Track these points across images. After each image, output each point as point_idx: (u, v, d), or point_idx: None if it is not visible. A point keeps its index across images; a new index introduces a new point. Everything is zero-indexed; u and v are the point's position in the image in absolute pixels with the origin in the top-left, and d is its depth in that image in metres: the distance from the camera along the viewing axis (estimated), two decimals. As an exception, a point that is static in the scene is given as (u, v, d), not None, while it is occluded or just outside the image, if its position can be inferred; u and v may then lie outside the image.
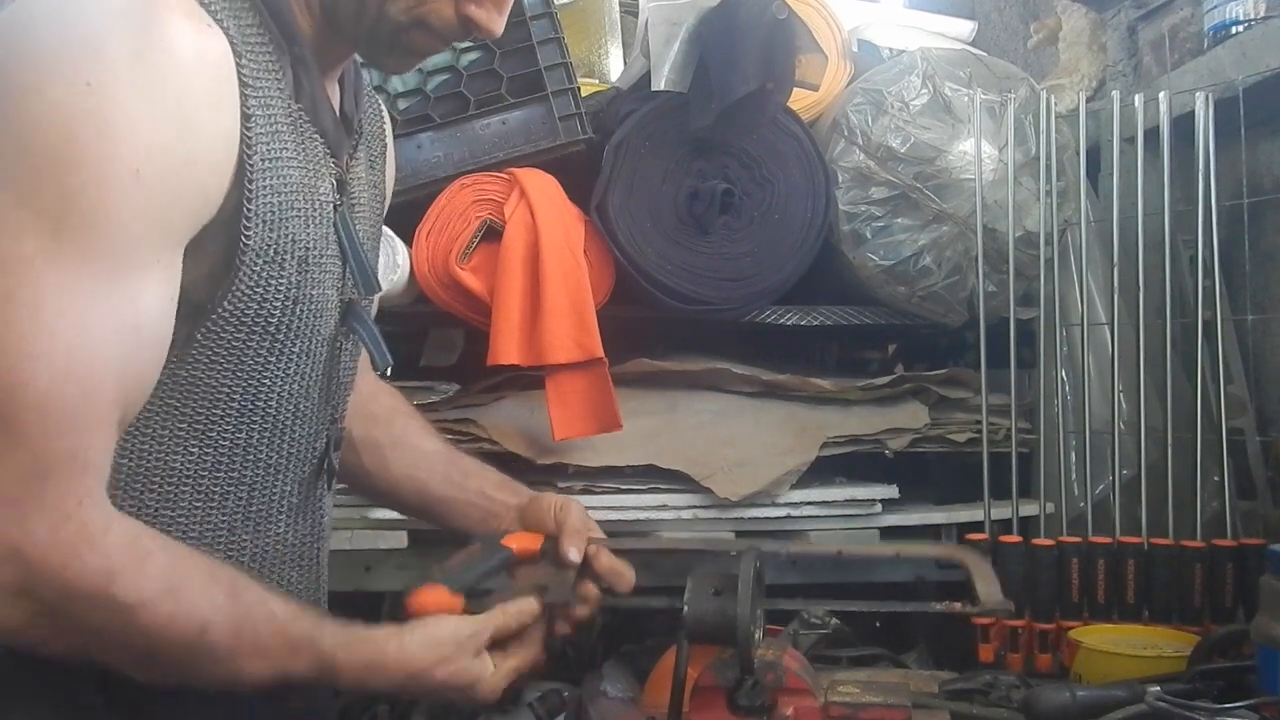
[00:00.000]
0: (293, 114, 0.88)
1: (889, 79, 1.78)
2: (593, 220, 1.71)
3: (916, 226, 1.75)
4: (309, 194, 0.90)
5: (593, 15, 2.24)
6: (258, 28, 0.85)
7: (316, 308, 0.92)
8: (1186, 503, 1.60)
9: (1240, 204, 1.71)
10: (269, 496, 0.95)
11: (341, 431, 1.06)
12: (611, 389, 1.64)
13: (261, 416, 0.91)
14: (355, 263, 0.96)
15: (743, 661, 1.02)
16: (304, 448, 0.98)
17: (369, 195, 1.05)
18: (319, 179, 0.91)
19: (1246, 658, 1.20)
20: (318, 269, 0.91)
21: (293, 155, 0.88)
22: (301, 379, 0.94)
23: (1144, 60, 2.15)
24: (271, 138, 0.85)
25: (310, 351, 0.94)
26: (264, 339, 0.88)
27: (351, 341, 1.03)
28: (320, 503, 1.04)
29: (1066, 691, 1.14)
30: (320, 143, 0.92)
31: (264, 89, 0.84)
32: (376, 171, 1.08)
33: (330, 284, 0.95)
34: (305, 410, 0.96)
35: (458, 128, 1.69)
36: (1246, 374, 1.77)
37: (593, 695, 1.60)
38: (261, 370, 0.89)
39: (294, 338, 0.91)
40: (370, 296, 1.02)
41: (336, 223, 0.94)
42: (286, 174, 0.86)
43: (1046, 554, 1.51)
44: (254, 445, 0.92)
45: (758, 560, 1.06)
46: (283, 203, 0.86)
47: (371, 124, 1.08)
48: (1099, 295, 1.81)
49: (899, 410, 1.84)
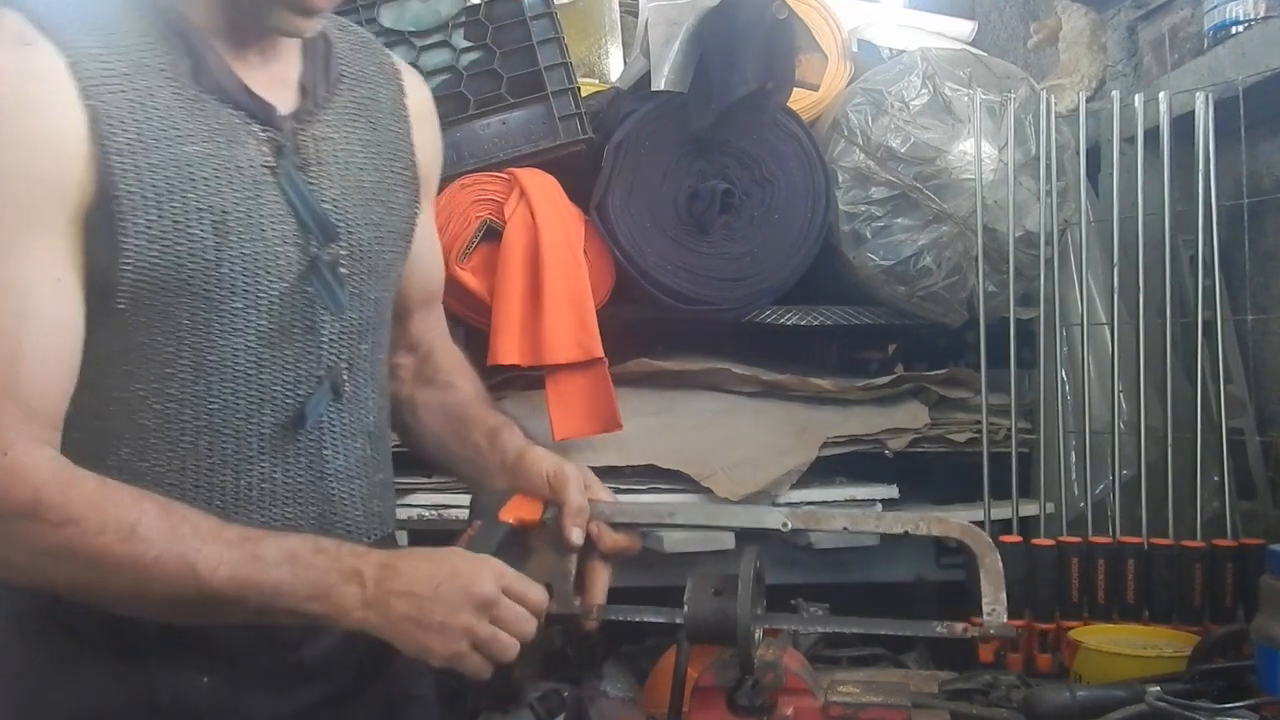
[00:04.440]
0: (189, 96, 0.98)
1: (889, 79, 1.78)
2: (593, 220, 1.71)
3: (916, 226, 1.75)
4: (219, 163, 0.98)
5: (593, 15, 2.24)
6: (137, 34, 0.97)
7: (253, 265, 0.99)
8: (1186, 503, 1.60)
9: (1240, 204, 1.71)
10: (243, 440, 1.02)
11: (342, 376, 1.08)
12: (611, 389, 1.65)
13: (215, 370, 1.00)
14: (309, 216, 1.02)
15: (743, 661, 1.02)
16: (278, 393, 1.03)
17: (348, 151, 1.09)
18: (236, 147, 0.99)
19: (1246, 658, 1.20)
20: (243, 229, 0.99)
21: (190, 132, 0.97)
22: (253, 332, 1.01)
23: (1144, 60, 2.15)
24: (146, 122, 0.95)
25: (257, 305, 1.00)
26: (193, 299, 0.97)
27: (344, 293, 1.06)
28: (319, 443, 1.07)
29: (1066, 692, 1.14)
30: (237, 115, 1.00)
31: (123, 85, 0.95)
32: (381, 130, 1.14)
33: (278, 240, 1.01)
34: (271, 359, 1.02)
35: (458, 128, 1.69)
36: (1246, 374, 1.77)
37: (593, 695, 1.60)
38: (203, 328, 0.98)
39: (229, 294, 0.99)
40: (330, 244, 1.05)
41: (281, 183, 1.01)
42: (178, 150, 0.96)
43: (1046, 554, 1.51)
44: (214, 395, 1.00)
45: (758, 560, 1.06)
46: (176, 175, 0.95)
47: (365, 87, 1.13)
48: (1099, 295, 1.81)
49: (899, 410, 1.84)
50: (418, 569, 0.95)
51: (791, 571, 1.69)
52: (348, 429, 1.10)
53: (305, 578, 0.92)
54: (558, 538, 1.08)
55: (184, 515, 0.93)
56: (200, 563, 0.90)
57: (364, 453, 1.12)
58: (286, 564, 0.92)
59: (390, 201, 1.13)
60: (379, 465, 1.15)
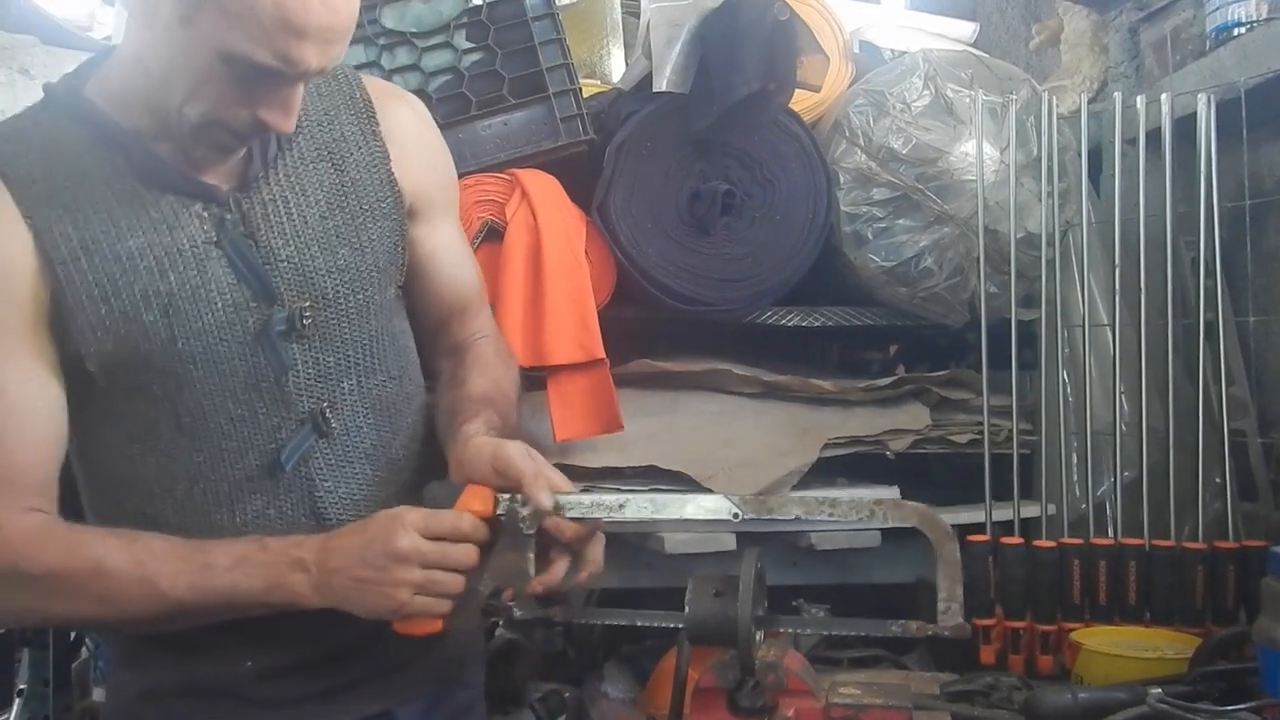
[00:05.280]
0: (128, 193, 1.08)
1: (891, 80, 1.78)
2: (594, 221, 1.71)
3: (918, 227, 1.75)
4: (161, 250, 1.08)
5: (594, 16, 2.24)
6: (78, 146, 1.08)
7: (207, 337, 1.10)
8: (1188, 504, 1.59)
9: (1242, 205, 1.71)
10: (232, 484, 1.13)
11: (324, 415, 1.15)
12: (613, 390, 1.64)
13: (192, 429, 1.11)
14: (256, 281, 1.11)
15: (743, 663, 1.02)
16: (259, 440, 1.13)
17: (305, 202, 1.16)
18: (178, 231, 1.09)
19: (1248, 660, 1.20)
20: (191, 306, 1.09)
21: (131, 226, 1.08)
22: (219, 393, 1.11)
23: (1146, 62, 2.15)
24: (86, 228, 1.06)
25: (219, 370, 1.11)
26: (159, 373, 1.09)
27: (304, 344, 1.14)
28: (307, 478, 1.15)
29: (1068, 693, 1.14)
30: (177, 199, 1.10)
31: (64, 198, 1.06)
32: (348, 170, 1.19)
33: (230, 308, 1.10)
34: (243, 413, 1.13)
35: (459, 128, 1.69)
36: (1248, 375, 1.77)
37: (593, 696, 1.60)
38: (174, 395, 1.10)
39: (189, 364, 1.10)
40: (273, 306, 1.12)
41: (229, 253, 1.10)
42: (119, 246, 1.07)
43: (1048, 555, 1.51)
44: (198, 449, 1.12)
45: (758, 562, 1.06)
46: (120, 270, 1.07)
47: (330, 129, 1.19)
48: (1101, 296, 1.81)
49: (900, 411, 1.84)
50: (348, 543, 1.04)
51: (793, 573, 1.69)
52: (341, 459, 1.17)
53: (257, 574, 1.04)
54: (515, 525, 1.06)
55: (145, 543, 1.05)
56: (161, 580, 1.03)
57: (366, 475, 1.19)
58: (238, 567, 1.04)
59: (360, 240, 1.18)
60: (389, 480, 1.20)
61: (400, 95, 1.29)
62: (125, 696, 1.20)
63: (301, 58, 1.01)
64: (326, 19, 1.00)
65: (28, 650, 1.76)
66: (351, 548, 1.03)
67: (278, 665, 1.16)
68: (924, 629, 1.02)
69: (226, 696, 1.16)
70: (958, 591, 1.01)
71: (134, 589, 1.03)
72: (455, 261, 1.32)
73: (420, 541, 1.01)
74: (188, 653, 1.14)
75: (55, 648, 1.75)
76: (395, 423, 1.23)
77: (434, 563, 1.02)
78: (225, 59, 1.00)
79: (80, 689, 2.02)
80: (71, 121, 1.10)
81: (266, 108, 1.05)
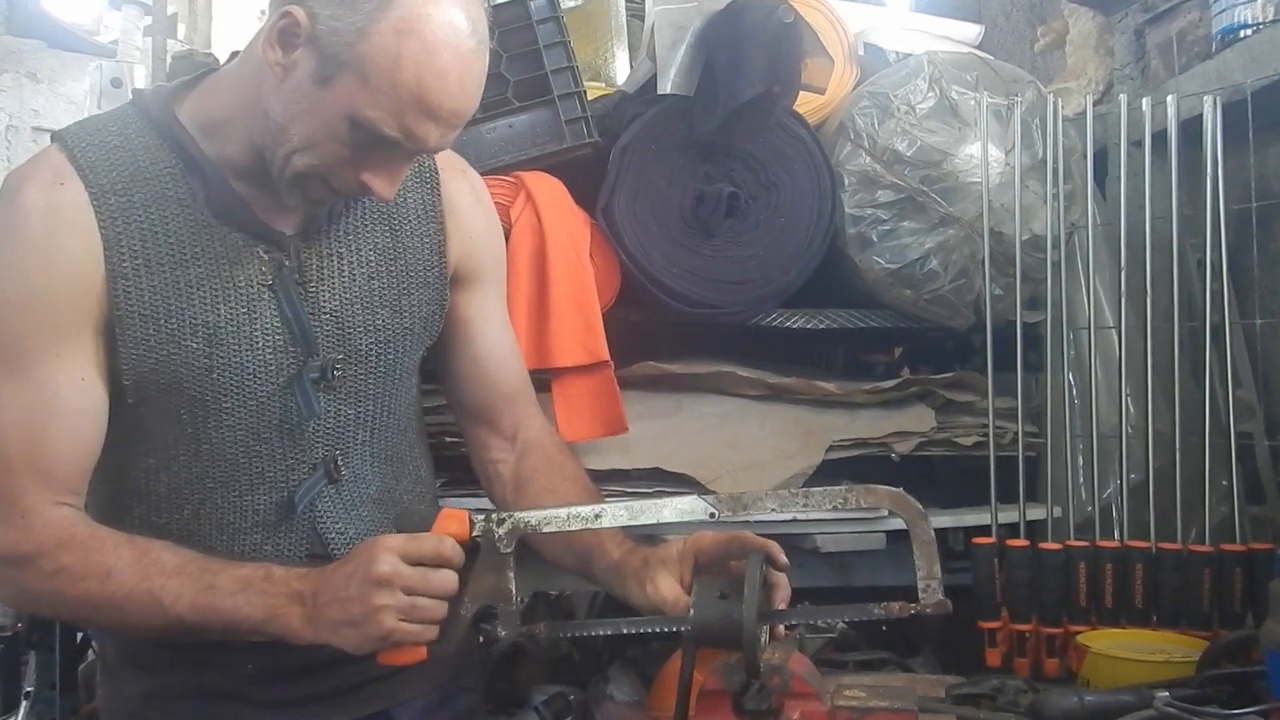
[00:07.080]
0: (200, 222, 1.12)
1: (895, 82, 1.78)
2: (598, 223, 1.71)
3: (923, 230, 1.74)
4: (218, 283, 1.13)
5: (599, 19, 2.24)
6: (160, 167, 1.12)
7: (242, 373, 1.14)
8: (1194, 507, 1.59)
9: (1248, 208, 1.70)
10: (238, 514, 1.17)
11: (336, 463, 1.20)
12: (617, 392, 1.64)
13: (210, 456, 1.16)
14: (299, 330, 1.15)
15: (749, 665, 1.02)
16: (271, 478, 1.18)
17: (357, 261, 1.20)
18: (237, 268, 1.13)
19: (1255, 663, 1.19)
20: (235, 341, 1.13)
21: (194, 255, 1.12)
22: (242, 428, 1.15)
23: (1151, 64, 2.14)
24: (154, 248, 1.10)
25: (246, 405, 1.15)
26: (189, 399, 1.13)
27: (330, 395, 1.18)
28: (311, 521, 1.20)
29: (1074, 696, 1.14)
30: (243, 237, 1.14)
31: (140, 215, 1.10)
32: (402, 237, 1.23)
33: (269, 349, 1.14)
34: (261, 450, 1.17)
35: (464, 131, 1.69)
36: (1255, 378, 1.77)
37: (598, 699, 1.60)
38: (199, 422, 1.14)
39: (219, 396, 1.14)
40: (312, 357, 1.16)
41: (280, 298, 1.14)
42: (180, 273, 1.11)
43: (1054, 558, 1.50)
44: (211, 476, 1.16)
45: (764, 564, 1.06)
46: (175, 295, 1.11)
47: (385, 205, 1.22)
48: (1106, 299, 1.81)
49: (905, 414, 1.83)
50: (335, 575, 1.04)
51: (797, 575, 1.67)
52: (348, 503, 1.22)
53: (258, 603, 1.05)
54: (491, 545, 1.06)
55: (156, 556, 1.07)
56: (164, 596, 1.05)
57: (370, 518, 1.23)
58: (241, 592, 1.05)
59: (401, 304, 1.23)
60: (392, 522, 1.23)
61: (464, 169, 1.34)
62: (126, 697, 1.23)
63: (426, 136, 1.06)
64: (459, 106, 1.07)
65: (35, 653, 1.77)
66: (338, 579, 1.04)
67: (278, 668, 1.18)
68: (906, 609, 1.03)
69: (228, 698, 1.19)
70: (936, 569, 1.02)
71: (137, 600, 1.06)
72: (500, 342, 1.35)
73: (400, 565, 1.01)
74: (190, 655, 1.17)
75: (62, 650, 1.76)
76: (399, 469, 1.28)
77: (415, 588, 1.01)
78: (353, 123, 1.04)
79: (87, 692, 2.03)
80: (160, 140, 1.13)
81: (373, 173, 1.09)
